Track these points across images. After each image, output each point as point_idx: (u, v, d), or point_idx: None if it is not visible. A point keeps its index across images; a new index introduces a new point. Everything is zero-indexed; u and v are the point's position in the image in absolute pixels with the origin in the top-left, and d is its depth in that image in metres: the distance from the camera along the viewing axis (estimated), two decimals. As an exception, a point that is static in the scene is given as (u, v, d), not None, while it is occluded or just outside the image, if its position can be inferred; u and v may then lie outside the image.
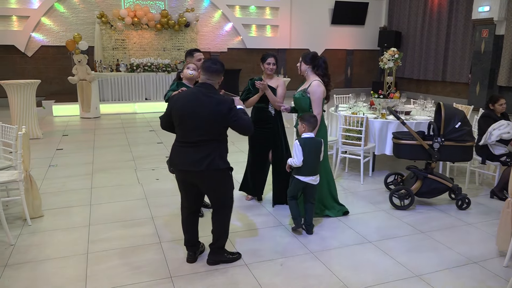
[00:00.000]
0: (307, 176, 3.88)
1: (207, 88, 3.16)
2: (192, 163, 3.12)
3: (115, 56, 12.19)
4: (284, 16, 14.62)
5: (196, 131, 3.10)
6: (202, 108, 3.07)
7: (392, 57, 6.30)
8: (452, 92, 13.67)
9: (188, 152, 3.15)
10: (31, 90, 7.80)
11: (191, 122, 3.11)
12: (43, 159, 6.49)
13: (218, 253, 3.42)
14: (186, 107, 3.11)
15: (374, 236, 3.98)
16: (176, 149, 3.24)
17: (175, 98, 3.24)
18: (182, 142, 3.19)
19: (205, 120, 3.08)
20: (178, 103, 3.17)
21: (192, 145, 3.13)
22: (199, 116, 3.08)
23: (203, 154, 3.11)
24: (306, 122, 3.90)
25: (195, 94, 3.15)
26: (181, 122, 3.15)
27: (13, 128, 4.49)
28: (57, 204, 4.68)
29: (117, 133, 8.57)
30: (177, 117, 3.16)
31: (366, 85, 15.90)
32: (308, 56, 4.28)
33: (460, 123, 4.47)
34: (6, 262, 3.41)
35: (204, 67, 3.21)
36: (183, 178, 3.27)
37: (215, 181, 3.22)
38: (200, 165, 3.10)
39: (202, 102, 3.09)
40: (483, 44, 11.80)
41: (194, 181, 3.24)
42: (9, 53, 12.03)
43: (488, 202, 4.93)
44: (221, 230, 3.39)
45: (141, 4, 12.65)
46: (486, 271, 3.37)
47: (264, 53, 4.58)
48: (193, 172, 3.15)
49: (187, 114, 3.10)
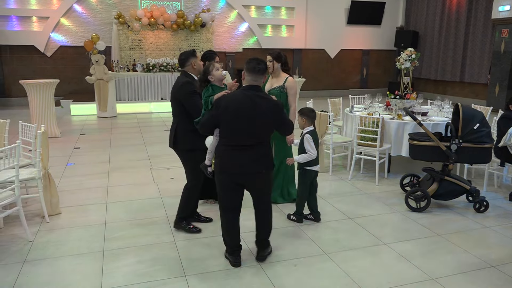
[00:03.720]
0: (316, 165, 4.17)
1: (257, 90, 3.17)
2: (250, 165, 3.15)
3: (131, 56, 12.33)
4: (300, 16, 14.58)
5: (252, 133, 3.12)
6: (259, 111, 3.08)
7: (409, 57, 6.22)
8: (470, 93, 13.44)
9: (244, 154, 3.14)
10: (50, 89, 7.95)
11: (248, 125, 3.09)
12: (61, 158, 6.60)
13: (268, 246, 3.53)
14: (241, 110, 3.07)
15: (389, 238, 3.94)
16: (227, 153, 3.17)
17: (224, 102, 3.14)
18: (235, 145, 3.13)
19: (263, 121, 3.11)
20: (231, 107, 3.08)
21: (247, 147, 3.13)
22: (256, 118, 3.08)
23: (259, 155, 3.18)
24: (305, 117, 4.12)
25: (249, 97, 3.09)
26: (234, 126, 3.09)
27: (32, 127, 4.59)
28: (74, 202, 4.76)
29: (133, 133, 8.66)
30: (229, 120, 3.09)
31: (382, 85, 15.74)
32: (279, 55, 4.46)
33: (479, 124, 4.39)
34: (25, 258, 3.48)
35: (250, 68, 3.16)
36: (235, 180, 3.22)
37: (267, 181, 3.32)
38: (259, 166, 3.18)
39: (259, 104, 3.08)
40: (503, 44, 11.57)
41: (246, 183, 3.25)
42: (29, 53, 12.28)
43: (506, 205, 4.83)
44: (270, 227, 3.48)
45: (158, 4, 12.78)
46: (504, 276, 3.31)
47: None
48: (250, 174, 3.19)
49: (244, 118, 3.07)
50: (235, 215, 3.37)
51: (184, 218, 4.00)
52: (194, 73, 3.88)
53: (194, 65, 3.86)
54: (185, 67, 3.88)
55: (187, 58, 3.86)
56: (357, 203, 4.82)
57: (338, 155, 6.15)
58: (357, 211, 4.57)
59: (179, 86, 3.79)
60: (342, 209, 4.64)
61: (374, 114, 5.72)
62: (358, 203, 4.82)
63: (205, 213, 4.32)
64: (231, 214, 3.36)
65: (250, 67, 3.14)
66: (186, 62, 3.86)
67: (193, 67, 3.86)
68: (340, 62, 15.59)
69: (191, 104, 3.72)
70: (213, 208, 4.51)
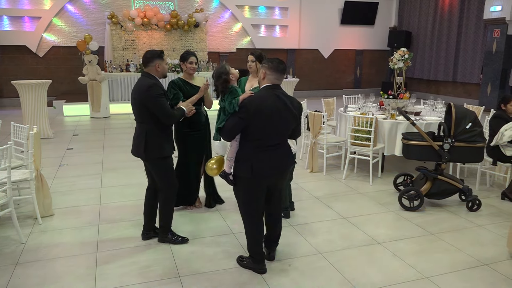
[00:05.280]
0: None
1: (280, 89, 3.15)
2: (283, 163, 3.19)
3: (125, 56, 12.27)
4: (294, 16, 14.60)
5: (281, 132, 3.14)
6: (289, 110, 3.09)
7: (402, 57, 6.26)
8: (463, 93, 13.54)
9: (276, 154, 3.13)
10: (42, 90, 7.90)
11: (280, 124, 3.08)
12: (53, 159, 6.55)
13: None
14: (275, 110, 3.03)
15: (382, 237, 3.96)
16: (259, 156, 3.07)
17: (255, 103, 3.02)
18: (267, 146, 3.08)
19: (290, 120, 3.13)
20: (264, 108, 3.00)
21: (276, 147, 3.13)
22: (287, 117, 3.10)
23: (287, 151, 3.22)
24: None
25: (277, 97, 3.06)
26: (267, 126, 3.04)
27: (24, 128, 4.55)
28: (67, 203, 4.72)
29: (127, 133, 8.62)
30: (262, 122, 3.01)
31: (376, 85, 15.82)
32: (261, 55, 4.31)
33: (471, 124, 4.43)
34: (17, 260, 3.45)
35: (273, 67, 3.09)
36: (268, 182, 3.19)
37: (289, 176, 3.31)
38: (288, 163, 3.22)
39: (286, 104, 3.08)
40: (494, 44, 11.66)
41: (275, 182, 3.24)
42: (21, 53, 12.19)
43: (499, 204, 4.87)
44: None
45: (151, 4, 12.74)
46: (497, 274, 3.33)
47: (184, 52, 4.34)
48: (283, 172, 3.22)
49: (277, 117, 3.04)
50: (262, 221, 3.32)
51: (168, 229, 3.78)
52: (157, 75, 3.59)
53: (158, 67, 3.56)
54: (147, 67, 3.56)
55: (152, 58, 3.55)
56: (351, 203, 4.83)
57: (331, 155, 6.16)
58: (351, 211, 4.59)
59: (144, 89, 3.47)
60: (336, 208, 4.65)
61: (367, 114, 5.74)
62: (352, 203, 4.83)
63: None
64: (260, 222, 3.29)
65: (274, 65, 3.08)
66: (150, 62, 3.54)
67: (156, 69, 3.56)
68: (334, 62, 15.64)
69: (159, 108, 3.46)
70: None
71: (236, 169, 3.15)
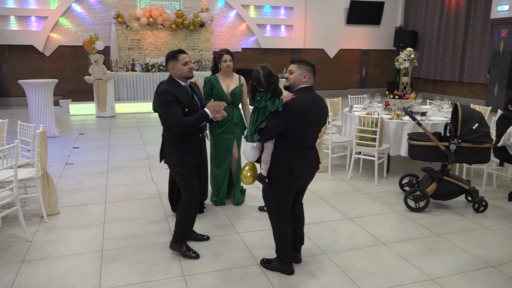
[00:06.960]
0: None
1: (314, 90, 3.15)
2: (315, 165, 3.23)
3: (130, 56, 12.31)
4: (299, 16, 14.57)
5: (316, 134, 3.20)
6: (323, 111, 3.15)
7: (408, 57, 6.23)
8: (469, 93, 13.44)
9: (311, 155, 3.18)
10: (49, 89, 7.94)
11: (317, 126, 3.15)
12: (60, 157, 6.59)
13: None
14: (314, 112, 3.05)
15: (388, 238, 3.94)
16: (299, 157, 3.06)
17: (300, 105, 2.98)
18: (305, 148, 3.11)
19: (323, 121, 3.20)
20: (308, 110, 3.00)
21: (311, 149, 3.18)
22: (322, 119, 3.17)
23: (316, 153, 3.26)
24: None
25: (314, 99, 3.08)
26: (309, 128, 3.06)
27: (31, 127, 4.58)
28: (73, 202, 4.75)
29: (132, 132, 8.65)
30: (305, 123, 3.00)
31: (381, 85, 15.75)
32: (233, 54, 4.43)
33: (478, 124, 4.39)
34: (23, 258, 3.47)
35: (313, 71, 3.10)
36: (301, 183, 3.22)
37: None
38: (318, 164, 3.27)
39: (322, 105, 3.14)
40: (502, 44, 11.57)
41: (306, 183, 3.28)
42: (28, 53, 12.27)
43: (506, 205, 4.83)
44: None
45: (157, 4, 12.77)
46: (503, 276, 3.31)
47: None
48: (314, 173, 3.26)
49: (316, 119, 3.10)
50: (291, 223, 3.30)
51: (183, 241, 3.57)
52: (176, 78, 3.32)
53: (173, 69, 3.30)
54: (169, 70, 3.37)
55: (167, 61, 3.34)
56: (356, 203, 4.82)
57: (337, 155, 6.15)
58: (356, 211, 4.57)
59: (156, 95, 3.29)
60: (341, 209, 4.64)
61: (373, 114, 5.72)
62: (357, 203, 4.82)
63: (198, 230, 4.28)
64: (291, 223, 3.27)
65: (314, 70, 3.13)
66: (167, 65, 3.33)
67: (172, 72, 3.31)
68: (339, 62, 15.59)
69: (167, 116, 3.22)
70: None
71: (272, 171, 3.11)
